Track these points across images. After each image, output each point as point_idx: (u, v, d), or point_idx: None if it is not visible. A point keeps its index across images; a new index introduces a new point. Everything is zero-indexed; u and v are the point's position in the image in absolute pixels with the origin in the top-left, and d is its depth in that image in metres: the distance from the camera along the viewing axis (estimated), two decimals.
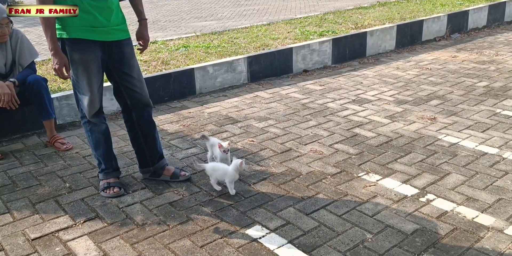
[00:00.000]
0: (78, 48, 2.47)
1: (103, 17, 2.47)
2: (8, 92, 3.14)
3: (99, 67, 2.56)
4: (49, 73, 4.62)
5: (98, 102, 2.62)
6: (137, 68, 2.68)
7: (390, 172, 2.86)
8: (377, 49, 6.02)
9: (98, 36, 2.48)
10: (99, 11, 2.45)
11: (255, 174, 2.88)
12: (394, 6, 8.22)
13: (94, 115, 2.64)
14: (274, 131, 3.56)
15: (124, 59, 2.61)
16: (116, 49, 2.58)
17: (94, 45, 2.49)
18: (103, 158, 2.74)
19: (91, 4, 2.42)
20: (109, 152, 2.77)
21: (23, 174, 2.99)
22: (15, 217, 2.47)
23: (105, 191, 2.67)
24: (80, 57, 2.48)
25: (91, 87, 2.54)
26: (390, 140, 3.33)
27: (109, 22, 2.50)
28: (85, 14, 2.42)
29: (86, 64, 2.50)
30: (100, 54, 2.53)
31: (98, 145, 2.72)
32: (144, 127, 2.76)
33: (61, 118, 3.83)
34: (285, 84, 4.80)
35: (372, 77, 4.94)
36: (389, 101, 4.17)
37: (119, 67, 2.61)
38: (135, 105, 2.70)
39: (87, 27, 2.45)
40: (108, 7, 2.48)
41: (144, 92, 2.70)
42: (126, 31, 2.62)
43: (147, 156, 2.81)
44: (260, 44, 5.57)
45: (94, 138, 2.70)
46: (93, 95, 2.56)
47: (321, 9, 9.51)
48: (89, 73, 2.52)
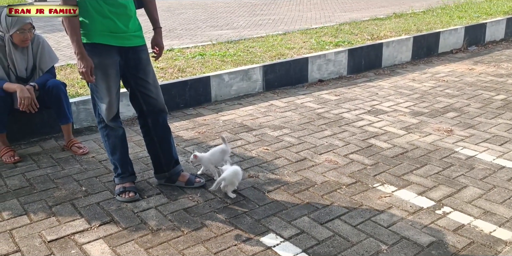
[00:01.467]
0: (97, 52, 2.51)
1: (122, 23, 2.51)
2: (28, 96, 3.19)
3: (117, 71, 2.60)
4: (68, 78, 4.69)
5: (116, 106, 2.65)
6: (152, 74, 2.72)
7: (405, 183, 2.84)
8: (393, 60, 6.01)
9: (116, 41, 2.53)
10: (118, 17, 2.50)
11: (269, 183, 2.88)
12: (411, 17, 8.21)
13: (112, 120, 2.67)
14: (289, 140, 3.56)
15: (140, 65, 2.65)
16: (132, 55, 2.62)
17: (113, 50, 2.54)
18: (119, 162, 2.77)
19: (111, 10, 2.47)
20: (125, 156, 2.80)
21: (40, 176, 3.02)
22: (32, 219, 2.50)
23: (120, 195, 2.69)
24: (99, 61, 2.52)
25: (109, 91, 2.58)
26: (405, 151, 3.32)
27: (127, 28, 2.54)
28: (105, 19, 2.47)
29: (105, 68, 2.54)
30: (118, 59, 2.58)
31: (114, 150, 2.74)
32: (160, 133, 2.79)
33: (78, 123, 3.88)
34: (300, 94, 4.81)
35: (387, 88, 4.93)
36: (405, 112, 4.15)
37: (135, 72, 2.65)
38: (151, 111, 2.73)
39: (106, 32, 2.49)
40: (127, 14, 2.53)
41: (159, 98, 2.73)
42: (142, 38, 2.67)
43: (162, 162, 2.83)
44: (276, 53, 5.59)
45: (111, 143, 2.73)
46: (111, 99, 2.60)
47: (336, 19, 9.54)
48: (108, 78, 2.56)
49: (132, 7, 2.57)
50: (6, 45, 3.27)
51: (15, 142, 3.52)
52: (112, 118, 2.67)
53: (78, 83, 4.49)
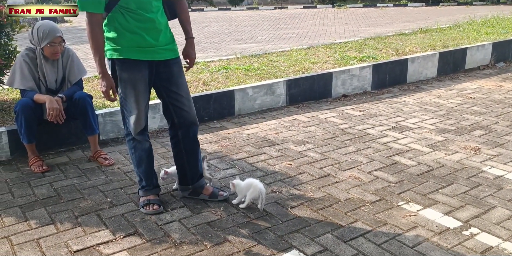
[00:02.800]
0: (126, 67, 2.56)
1: (150, 37, 2.54)
2: (56, 107, 3.27)
3: (146, 86, 2.63)
4: (95, 90, 4.79)
5: (144, 120, 2.69)
6: (185, 87, 2.74)
7: (431, 202, 2.80)
8: (418, 76, 5.96)
9: (145, 55, 2.56)
10: (146, 31, 2.52)
11: (292, 198, 2.87)
12: (436, 33, 8.15)
13: (139, 133, 2.71)
14: (312, 156, 3.55)
15: (172, 78, 2.67)
16: (164, 68, 2.65)
17: (142, 64, 2.57)
18: (144, 175, 2.80)
19: (138, 26, 2.51)
20: (151, 169, 2.83)
21: (67, 186, 3.08)
22: (58, 229, 2.55)
23: (144, 207, 2.72)
24: (128, 76, 2.57)
25: (138, 105, 2.62)
26: (431, 169, 3.27)
27: (157, 42, 2.57)
28: (132, 35, 2.51)
29: (134, 83, 2.58)
30: (147, 73, 2.61)
31: (140, 163, 2.78)
32: (188, 146, 2.81)
33: (104, 134, 3.95)
34: (324, 108, 4.80)
35: (412, 105, 4.88)
36: (430, 129, 4.10)
37: (168, 85, 2.68)
38: (182, 123, 2.75)
39: (134, 47, 2.53)
40: (156, 28, 2.55)
41: (191, 111, 2.75)
42: (174, 51, 2.68)
43: (188, 174, 2.85)
44: (300, 67, 5.61)
45: (137, 156, 2.76)
46: (139, 113, 2.64)
47: (361, 34, 9.54)
48: (137, 92, 2.60)
49: (161, 20, 2.59)
50: (38, 58, 3.37)
51: (43, 152, 3.60)
52: (140, 132, 2.70)
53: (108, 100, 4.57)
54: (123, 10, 2.49)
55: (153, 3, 2.53)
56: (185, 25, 2.79)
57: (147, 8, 2.51)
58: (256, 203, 2.75)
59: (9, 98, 4.61)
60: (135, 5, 2.47)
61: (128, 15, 2.50)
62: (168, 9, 2.69)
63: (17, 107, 3.29)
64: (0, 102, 4.45)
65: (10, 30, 4.25)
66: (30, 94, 3.34)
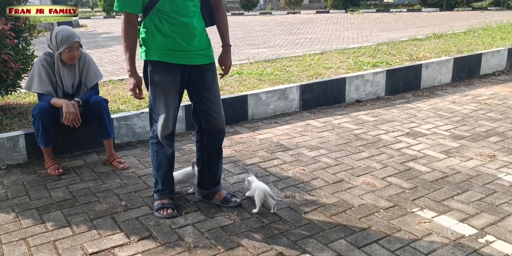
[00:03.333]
0: (158, 70, 2.57)
1: (184, 41, 2.54)
2: (73, 111, 3.32)
3: (177, 90, 2.62)
4: (110, 94, 4.85)
5: (171, 124, 2.67)
6: (217, 93, 2.73)
7: (446, 209, 2.78)
8: (432, 82, 5.93)
9: (178, 59, 2.56)
10: (180, 35, 2.52)
11: (306, 204, 2.87)
12: (451, 38, 8.11)
13: (166, 137, 2.69)
14: (326, 161, 3.54)
15: (205, 84, 2.67)
16: (197, 73, 2.64)
17: (174, 68, 2.57)
18: (161, 179, 2.80)
19: (173, 29, 2.51)
20: (169, 175, 2.82)
21: (82, 190, 3.12)
22: (74, 231, 2.58)
23: (159, 211, 2.74)
24: (159, 79, 2.57)
25: (167, 108, 2.60)
26: (446, 176, 3.24)
27: (190, 46, 2.56)
28: (166, 38, 2.52)
29: (164, 86, 2.58)
30: (179, 77, 2.60)
31: (160, 167, 2.78)
32: (211, 153, 2.83)
33: (119, 138, 3.99)
34: (337, 114, 4.80)
35: (426, 110, 4.85)
36: (444, 135, 4.08)
37: (199, 91, 2.68)
38: (209, 130, 2.76)
39: (167, 50, 2.54)
40: (190, 32, 2.54)
41: (220, 117, 2.73)
42: (209, 56, 2.67)
43: (205, 179, 2.88)
44: (313, 72, 5.62)
45: (158, 160, 2.76)
46: (168, 116, 2.62)
47: (374, 39, 9.52)
48: (167, 95, 2.59)
49: (197, 25, 2.58)
50: (55, 62, 3.42)
51: (59, 155, 3.64)
52: (166, 136, 2.68)
53: (120, 99, 4.63)
54: (159, 13, 2.50)
55: (189, 8, 2.53)
56: (222, 32, 2.77)
57: (183, 12, 2.51)
58: (268, 207, 2.76)
59: (26, 101, 4.68)
60: (171, 8, 2.49)
61: (163, 18, 2.51)
62: (207, 15, 2.69)
63: (34, 110, 3.35)
64: (18, 105, 4.52)
65: (28, 35, 4.33)
66: (48, 98, 3.39)
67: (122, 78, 5.83)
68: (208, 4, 2.67)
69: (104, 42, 11.41)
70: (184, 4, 2.51)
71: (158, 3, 2.47)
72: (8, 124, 3.89)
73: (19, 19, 4.16)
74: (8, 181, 3.27)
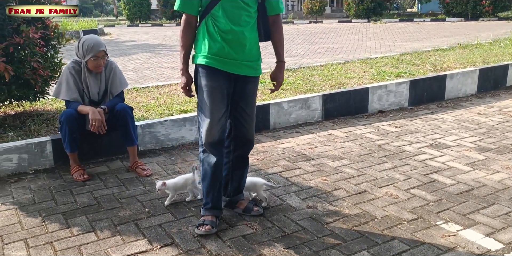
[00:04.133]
0: (205, 74, 2.57)
1: (232, 49, 2.53)
2: (99, 118, 3.38)
3: (223, 96, 2.59)
4: (134, 101, 4.93)
5: (217, 131, 2.61)
6: (253, 106, 2.74)
7: (471, 223, 2.73)
8: (457, 93, 5.85)
9: (224, 66, 2.56)
10: (229, 43, 2.52)
11: (328, 214, 2.85)
12: (476, 49, 8.00)
13: (211, 145, 2.63)
14: (348, 171, 3.52)
15: (244, 95, 2.67)
16: (241, 83, 2.64)
17: (221, 74, 2.57)
18: (205, 191, 2.72)
19: (223, 37, 2.51)
20: (213, 187, 2.69)
21: (107, 195, 3.16)
22: (98, 236, 2.62)
23: (198, 227, 2.63)
24: (206, 83, 2.57)
25: (212, 114, 2.57)
26: (471, 189, 3.19)
27: (238, 56, 2.55)
28: (215, 43, 2.52)
29: (210, 91, 2.57)
30: (226, 84, 2.59)
31: (204, 177, 2.71)
32: (237, 161, 2.84)
33: (143, 145, 4.04)
34: (360, 124, 4.77)
35: (451, 122, 4.79)
36: (470, 147, 4.01)
37: (238, 100, 2.67)
38: (238, 138, 2.77)
39: (215, 56, 2.54)
40: (239, 41, 2.53)
41: (251, 129, 2.76)
42: (255, 69, 2.65)
43: (228, 186, 2.89)
44: (336, 82, 5.61)
45: (203, 169, 2.70)
46: (212, 122, 2.58)
47: (397, 49, 9.46)
48: (212, 101, 2.57)
49: (248, 35, 2.55)
50: (82, 70, 3.50)
51: (84, 162, 3.71)
52: (210, 143, 2.62)
53: (144, 107, 4.70)
54: (213, 19, 2.52)
55: (242, 17, 2.52)
56: (277, 48, 2.73)
57: (235, 21, 2.51)
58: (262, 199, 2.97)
59: (53, 108, 4.79)
60: (224, 15, 2.49)
61: (215, 24, 2.51)
62: (263, 29, 2.63)
63: (62, 117, 3.42)
64: (45, 111, 4.63)
65: (56, 43, 4.44)
66: (74, 105, 3.47)
67: (146, 86, 5.92)
68: (265, 18, 2.63)
69: (128, 50, 11.62)
70: (238, 12, 2.51)
71: (213, 8, 2.49)
72: (36, 129, 3.99)
73: (49, 27, 4.29)
74: (35, 185, 3.35)
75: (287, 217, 2.80)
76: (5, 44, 3.59)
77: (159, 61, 9.55)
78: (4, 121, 4.25)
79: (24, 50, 3.89)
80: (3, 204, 3.06)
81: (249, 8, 2.53)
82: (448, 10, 19.84)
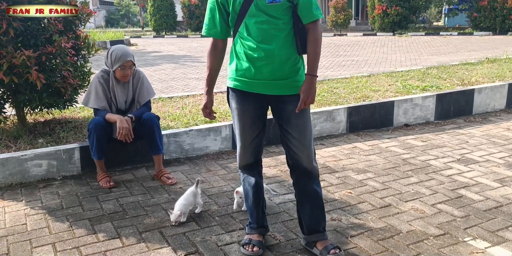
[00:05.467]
0: (234, 97, 2.47)
1: (259, 69, 2.34)
2: (126, 127, 3.44)
3: (253, 119, 2.45)
4: (160, 111, 5.00)
5: (248, 155, 2.52)
6: (299, 128, 2.40)
7: (500, 240, 2.66)
8: (485, 108, 5.75)
9: (252, 88, 2.39)
10: (255, 62, 2.33)
11: (352, 227, 2.82)
12: (505, 63, 7.87)
13: (243, 167, 2.58)
14: (373, 185, 3.49)
15: (285, 117, 2.42)
16: (276, 103, 2.43)
17: (250, 96, 2.41)
18: (249, 211, 2.65)
19: (248, 55, 2.34)
20: (256, 206, 2.61)
21: (132, 203, 3.20)
22: (124, 243, 2.65)
23: (244, 247, 2.54)
24: (235, 107, 2.46)
25: (243, 138, 2.49)
26: (500, 205, 3.12)
27: (266, 75, 2.34)
28: (242, 64, 2.38)
29: (240, 114, 2.46)
30: (257, 106, 2.44)
31: (247, 197, 2.65)
32: (300, 195, 2.55)
33: (168, 154, 4.09)
34: (385, 137, 4.73)
35: (479, 137, 4.70)
36: (498, 163, 3.93)
37: (281, 122, 2.46)
38: (295, 168, 2.51)
39: (242, 78, 2.40)
40: (267, 59, 2.31)
41: (304, 157, 2.42)
42: (290, 87, 2.37)
43: (302, 222, 2.59)
44: (361, 95, 5.58)
45: (245, 189, 2.63)
46: (243, 146, 2.50)
47: (423, 63, 9.38)
48: (243, 124, 2.47)
49: (278, 51, 2.31)
50: (110, 79, 3.58)
51: (110, 169, 3.77)
52: (245, 166, 2.57)
53: (169, 116, 4.76)
54: (240, 37, 2.37)
55: (269, 32, 2.30)
56: (308, 60, 2.37)
57: (261, 37, 2.31)
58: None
59: (81, 116, 4.90)
60: (249, 32, 2.32)
61: (242, 43, 2.35)
62: (299, 40, 2.35)
63: (90, 125, 3.50)
64: (73, 119, 4.74)
65: (86, 53, 4.56)
66: (103, 113, 3.54)
67: (172, 96, 6.00)
68: (301, 28, 2.34)
69: (154, 61, 11.82)
70: (263, 27, 2.29)
71: (240, 26, 2.35)
72: (64, 137, 4.08)
73: (79, 37, 4.41)
74: (63, 191, 3.41)
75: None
76: (38, 53, 3.71)
77: (184, 72, 9.68)
78: (34, 128, 4.36)
79: (56, 59, 4.00)
80: (32, 209, 3.13)
81: (276, 20, 2.29)
82: (476, 24, 19.59)
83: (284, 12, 2.30)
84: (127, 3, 54.85)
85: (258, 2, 2.27)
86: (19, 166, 3.55)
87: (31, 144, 3.85)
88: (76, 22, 4.33)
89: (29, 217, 3.01)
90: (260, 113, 2.48)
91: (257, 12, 2.29)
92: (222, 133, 4.29)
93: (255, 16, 2.30)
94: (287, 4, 2.29)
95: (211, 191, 3.40)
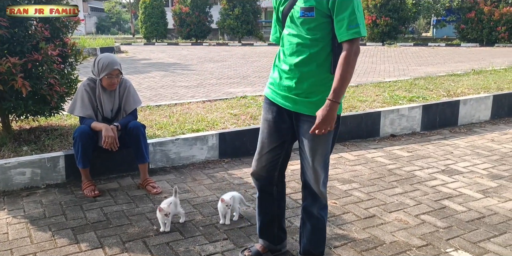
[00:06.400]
0: (264, 104, 2.45)
1: (282, 80, 2.28)
2: (112, 135, 3.43)
3: (272, 130, 2.37)
4: (147, 119, 4.99)
5: (260, 165, 2.45)
6: (313, 152, 2.28)
7: (482, 251, 2.68)
8: (470, 119, 5.82)
9: (276, 98, 2.33)
10: (281, 73, 2.29)
11: (336, 238, 2.83)
12: (491, 75, 7.99)
13: (252, 175, 2.53)
14: (358, 195, 3.50)
15: (301, 136, 2.32)
16: (296, 121, 2.32)
17: (275, 107, 2.34)
18: (257, 224, 2.63)
19: (279, 66, 2.31)
20: (260, 217, 2.59)
21: (116, 212, 3.18)
22: (106, 253, 2.63)
23: (243, 252, 2.60)
24: (262, 114, 2.44)
25: (260, 145, 2.43)
26: (482, 216, 3.15)
27: (285, 88, 2.27)
28: (274, 73, 2.35)
29: (262, 121, 2.43)
30: (279, 119, 2.35)
31: (256, 208, 2.63)
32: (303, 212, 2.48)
33: (154, 163, 4.07)
34: (371, 148, 4.76)
35: (463, 148, 4.76)
36: (482, 174, 3.97)
37: (299, 141, 2.37)
38: (304, 184, 2.43)
39: (271, 86, 2.36)
40: (290, 73, 2.24)
41: (311, 179, 2.34)
42: (307, 107, 2.23)
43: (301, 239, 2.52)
44: (348, 105, 5.62)
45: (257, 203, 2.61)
46: (259, 154, 2.44)
47: (411, 73, 9.48)
48: (261, 132, 2.43)
49: (300, 67, 2.20)
50: (97, 88, 3.58)
51: (96, 177, 3.74)
52: (253, 174, 2.52)
53: (156, 125, 4.75)
54: (280, 46, 2.34)
55: (293, 46, 2.21)
56: (333, 81, 2.12)
57: (288, 50, 2.24)
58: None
59: (67, 124, 4.87)
60: (284, 44, 2.29)
61: (279, 52, 2.33)
62: (333, 60, 2.18)
63: (75, 133, 3.48)
64: (59, 127, 4.70)
65: (73, 61, 4.54)
66: (88, 121, 3.53)
67: (159, 104, 5.99)
68: (338, 47, 2.16)
69: (143, 68, 11.80)
70: (291, 40, 2.23)
71: (281, 35, 2.34)
72: (49, 144, 4.05)
73: (66, 45, 4.40)
74: (46, 200, 3.38)
75: (294, 239, 2.78)
76: (23, 61, 3.69)
77: (173, 80, 9.67)
78: (19, 135, 4.32)
79: (42, 66, 3.99)
80: (15, 218, 3.09)
81: (307, 35, 2.16)
82: (463, 35, 19.90)
83: (318, 28, 2.16)
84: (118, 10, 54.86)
85: (293, 14, 2.20)
86: (2, 174, 3.51)
87: (15, 152, 3.81)
88: (63, 29, 4.32)
89: (10, 226, 2.97)
90: (282, 126, 2.36)
91: (291, 24, 2.23)
92: (209, 142, 4.29)
93: (289, 28, 2.25)
94: (322, 19, 2.13)
95: (196, 201, 3.39)
